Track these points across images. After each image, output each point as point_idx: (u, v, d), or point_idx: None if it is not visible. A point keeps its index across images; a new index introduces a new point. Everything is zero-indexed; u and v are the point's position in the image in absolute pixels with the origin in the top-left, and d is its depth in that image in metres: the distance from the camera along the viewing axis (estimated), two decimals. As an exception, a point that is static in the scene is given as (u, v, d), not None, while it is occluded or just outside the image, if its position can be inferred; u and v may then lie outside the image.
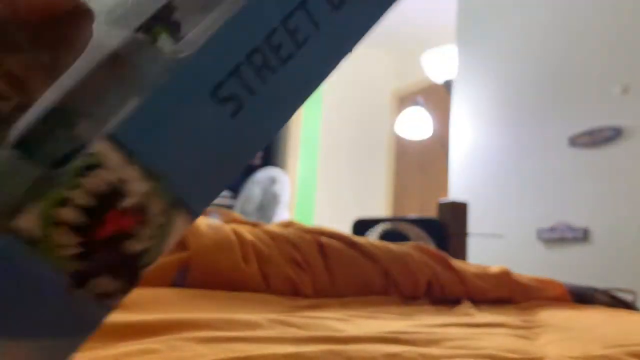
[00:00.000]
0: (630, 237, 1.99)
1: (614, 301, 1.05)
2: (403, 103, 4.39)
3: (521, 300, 0.95)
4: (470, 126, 2.78)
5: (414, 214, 2.83)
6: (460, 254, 1.61)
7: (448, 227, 1.62)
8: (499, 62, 2.69)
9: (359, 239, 0.89)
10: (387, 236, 1.57)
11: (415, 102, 3.39)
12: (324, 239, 0.84)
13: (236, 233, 0.75)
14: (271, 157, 3.67)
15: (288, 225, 0.94)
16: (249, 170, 3.21)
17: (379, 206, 4.36)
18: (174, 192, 0.14)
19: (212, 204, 0.16)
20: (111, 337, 0.37)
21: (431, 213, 2.12)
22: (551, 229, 2.26)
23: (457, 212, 1.69)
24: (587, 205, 2.16)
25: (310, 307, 0.68)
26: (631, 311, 0.98)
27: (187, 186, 0.14)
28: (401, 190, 4.39)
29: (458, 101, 2.87)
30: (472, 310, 0.79)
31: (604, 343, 0.52)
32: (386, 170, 4.51)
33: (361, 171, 4.40)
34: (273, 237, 0.80)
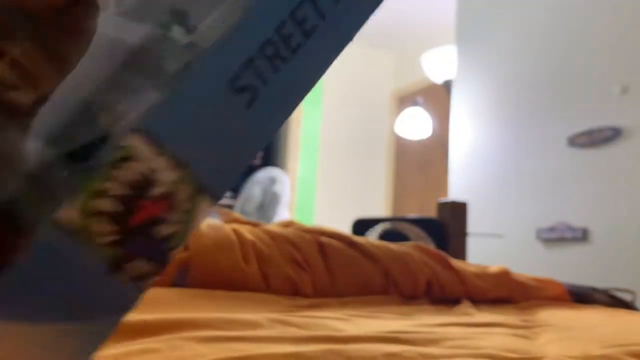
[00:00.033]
0: (629, 237, 1.99)
1: (613, 301, 1.05)
2: (403, 103, 4.39)
3: (521, 300, 0.95)
4: (470, 126, 2.78)
5: (413, 214, 2.83)
6: (460, 253, 1.61)
7: (448, 227, 1.63)
8: (498, 62, 2.69)
9: (359, 238, 0.89)
10: (386, 236, 1.57)
11: (414, 102, 3.39)
12: (324, 239, 0.84)
13: (236, 233, 0.75)
14: (271, 157, 3.66)
15: (288, 225, 0.94)
16: (249, 170, 3.21)
17: (378, 206, 4.36)
18: (197, 179, 0.15)
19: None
20: (112, 336, 0.37)
21: (431, 213, 2.12)
22: (550, 229, 2.26)
23: (456, 212, 1.69)
24: (586, 205, 2.16)
25: (310, 307, 0.68)
26: (630, 311, 0.98)
27: (208, 173, 0.15)
28: (401, 190, 4.40)
29: (458, 101, 2.88)
30: (472, 310, 0.79)
31: (603, 343, 0.52)
32: (386, 170, 4.51)
33: (361, 171, 4.40)
34: (273, 237, 0.80)
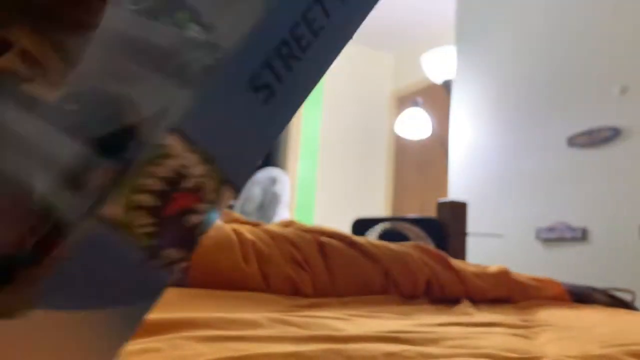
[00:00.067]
0: (628, 237, 1.99)
1: (613, 301, 1.05)
2: (402, 103, 4.39)
3: (520, 300, 0.95)
4: (469, 126, 2.78)
5: (413, 214, 2.83)
6: (460, 253, 1.61)
7: (447, 226, 1.63)
8: (498, 63, 2.69)
9: (358, 238, 0.89)
10: (386, 236, 1.57)
11: (414, 103, 3.39)
12: (324, 239, 0.84)
13: (236, 233, 0.75)
14: (271, 157, 3.67)
15: (288, 224, 0.94)
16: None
17: (378, 206, 4.36)
18: (221, 172, 0.17)
19: None
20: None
21: (431, 213, 2.12)
22: (550, 229, 2.26)
23: (456, 212, 1.69)
24: (585, 205, 2.16)
25: (310, 307, 0.68)
26: (630, 311, 0.98)
27: (231, 165, 0.17)
28: (401, 190, 4.40)
29: (457, 101, 2.88)
30: (471, 310, 0.79)
31: (602, 342, 0.52)
32: (386, 170, 4.51)
33: (361, 171, 4.40)
34: (273, 236, 0.80)
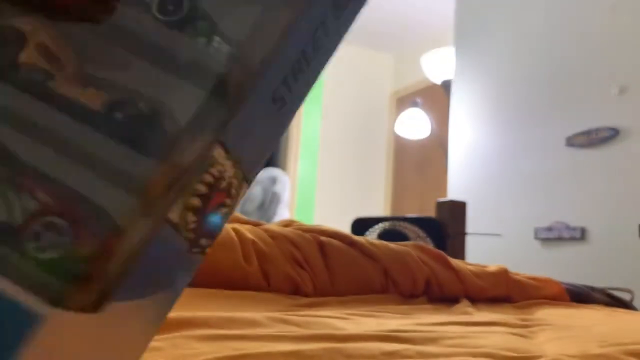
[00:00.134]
0: (627, 236, 2.00)
1: (612, 300, 1.06)
2: (402, 104, 4.39)
3: (519, 299, 0.95)
4: (469, 126, 2.79)
5: (413, 214, 2.83)
6: (459, 253, 1.62)
7: (447, 226, 1.63)
8: (497, 63, 2.69)
9: (358, 238, 0.89)
10: (386, 235, 1.57)
11: (414, 103, 3.40)
12: (324, 238, 0.84)
13: (237, 232, 0.76)
14: (272, 157, 3.67)
15: (288, 224, 0.94)
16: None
17: (378, 206, 4.37)
18: (243, 171, 0.19)
19: None
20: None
21: (430, 213, 2.13)
22: (549, 229, 2.27)
23: (455, 212, 1.69)
24: (584, 205, 2.16)
25: (310, 306, 0.68)
26: (628, 310, 0.99)
27: (249, 165, 0.19)
28: (400, 189, 4.40)
29: (456, 102, 2.88)
30: (471, 309, 0.79)
31: (601, 342, 0.52)
32: (385, 170, 4.51)
33: (361, 171, 4.40)
34: (273, 236, 0.80)
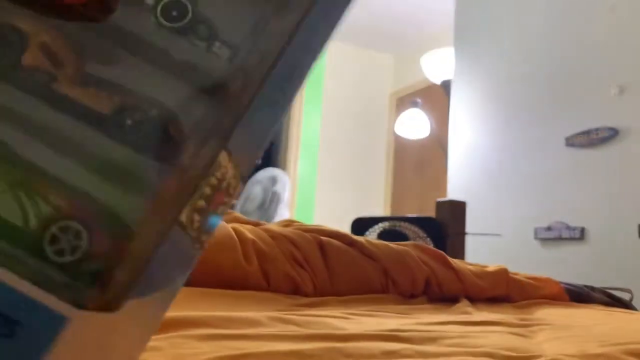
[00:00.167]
0: (627, 236, 2.00)
1: (611, 300, 1.06)
2: (402, 104, 4.40)
3: (518, 299, 0.95)
4: (468, 126, 2.79)
5: (412, 213, 2.83)
6: (458, 252, 1.62)
7: (446, 226, 1.63)
8: (496, 63, 2.69)
9: (358, 238, 0.90)
10: (386, 235, 1.58)
11: (413, 103, 3.40)
12: (324, 238, 0.84)
13: (237, 232, 0.76)
14: (272, 157, 3.67)
15: (288, 224, 0.94)
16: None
17: (378, 206, 4.37)
18: (240, 171, 0.20)
19: None
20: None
21: (430, 212, 2.13)
22: (548, 228, 2.27)
23: (455, 212, 1.70)
24: (584, 205, 2.17)
25: (310, 305, 0.68)
26: (628, 310, 0.99)
27: (246, 165, 0.20)
28: (400, 189, 4.40)
29: (456, 102, 2.88)
30: (470, 309, 0.79)
31: (601, 341, 0.52)
32: (385, 170, 4.51)
33: (360, 171, 4.40)
34: (273, 236, 0.80)
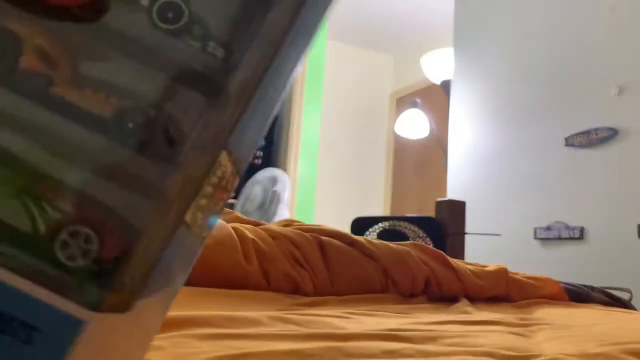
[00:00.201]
0: (626, 236, 2.00)
1: (610, 300, 1.06)
2: (401, 104, 4.40)
3: (518, 298, 0.95)
4: (468, 126, 2.79)
5: (412, 213, 2.83)
6: (458, 252, 1.62)
7: (446, 225, 1.63)
8: (496, 63, 2.69)
9: (358, 237, 0.90)
10: (385, 235, 1.58)
11: (413, 103, 3.40)
12: (324, 238, 0.84)
13: (237, 231, 0.76)
14: (272, 157, 3.67)
15: (288, 224, 0.94)
16: (250, 170, 3.22)
17: (378, 205, 4.37)
18: (238, 168, 0.20)
19: None
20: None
21: (430, 212, 2.13)
22: (548, 228, 2.27)
23: (455, 211, 1.70)
24: (583, 205, 2.17)
25: (311, 305, 0.68)
26: (627, 310, 0.99)
27: (243, 162, 0.21)
28: (400, 189, 4.40)
29: (456, 102, 2.88)
30: (470, 308, 0.79)
31: (600, 341, 0.52)
32: (385, 170, 4.51)
33: (360, 171, 4.40)
34: (274, 235, 0.80)
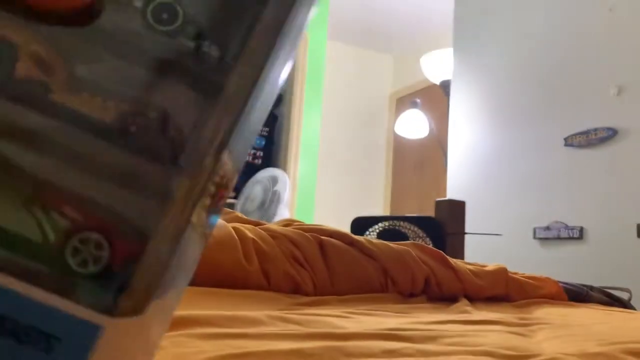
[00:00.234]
0: (625, 236, 2.00)
1: (610, 299, 1.06)
2: (401, 104, 4.40)
3: (517, 298, 0.95)
4: (467, 127, 2.79)
5: (412, 213, 2.83)
6: (458, 252, 1.62)
7: (446, 225, 1.63)
8: (495, 63, 2.70)
9: (358, 237, 0.90)
10: (385, 235, 1.58)
11: (413, 104, 3.40)
12: (324, 238, 0.85)
13: (237, 231, 0.76)
14: (272, 157, 3.67)
15: (288, 223, 0.95)
16: (250, 170, 3.22)
17: (377, 205, 4.37)
18: (237, 165, 0.21)
19: None
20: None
21: (429, 212, 2.13)
22: (547, 228, 2.27)
23: (454, 211, 1.70)
24: (582, 205, 2.17)
25: (311, 305, 0.68)
26: (626, 309, 0.99)
27: (242, 159, 0.21)
28: (399, 189, 4.40)
29: (455, 102, 2.88)
30: (469, 308, 0.79)
31: (599, 340, 0.53)
32: (385, 169, 4.51)
33: (360, 171, 4.41)
34: (274, 235, 0.80)
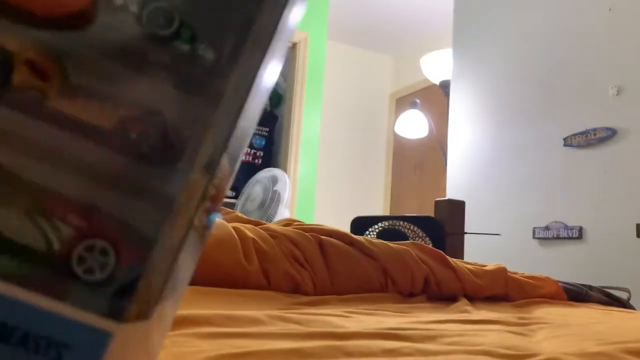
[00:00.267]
0: (625, 236, 2.00)
1: (609, 299, 1.06)
2: (401, 104, 4.40)
3: (517, 298, 0.96)
4: (467, 127, 2.79)
5: (411, 213, 2.84)
6: (457, 252, 1.62)
7: (445, 225, 1.63)
8: (495, 64, 2.70)
9: (358, 237, 0.90)
10: (385, 234, 1.58)
11: (412, 104, 3.40)
12: (324, 238, 0.85)
13: (237, 231, 0.76)
14: (272, 157, 3.67)
15: (288, 223, 0.95)
16: (250, 170, 3.22)
17: (377, 205, 4.37)
18: (233, 166, 0.21)
19: None
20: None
21: (429, 212, 2.13)
22: (547, 228, 2.27)
23: (454, 211, 1.70)
24: (582, 205, 2.17)
25: (311, 304, 0.68)
26: (626, 309, 0.99)
27: (237, 160, 0.21)
28: (399, 189, 4.40)
29: (455, 102, 2.88)
30: (469, 307, 0.79)
31: (599, 340, 0.53)
32: (385, 169, 4.51)
33: (360, 171, 4.41)
34: (274, 235, 0.80)
